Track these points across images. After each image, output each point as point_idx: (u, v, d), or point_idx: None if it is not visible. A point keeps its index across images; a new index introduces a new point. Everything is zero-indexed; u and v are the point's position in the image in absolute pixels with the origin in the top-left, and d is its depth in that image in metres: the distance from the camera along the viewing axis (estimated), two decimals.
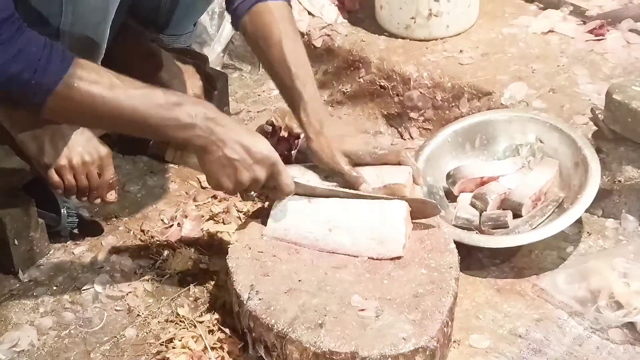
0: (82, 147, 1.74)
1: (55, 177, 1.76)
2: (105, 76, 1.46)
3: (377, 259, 1.62)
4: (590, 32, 2.31)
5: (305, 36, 2.47)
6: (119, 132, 1.68)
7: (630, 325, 1.65)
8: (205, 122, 1.51)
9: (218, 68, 2.48)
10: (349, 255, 1.64)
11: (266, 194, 1.75)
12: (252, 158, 1.55)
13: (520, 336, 1.67)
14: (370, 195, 1.69)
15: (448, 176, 1.96)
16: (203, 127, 1.51)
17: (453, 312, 1.58)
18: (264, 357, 1.54)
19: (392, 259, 1.62)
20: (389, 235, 1.64)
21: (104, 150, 1.77)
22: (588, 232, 1.90)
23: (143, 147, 2.15)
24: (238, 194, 1.67)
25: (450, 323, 1.56)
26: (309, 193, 1.70)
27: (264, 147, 1.57)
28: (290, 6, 1.81)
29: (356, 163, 1.73)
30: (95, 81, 1.44)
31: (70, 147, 1.74)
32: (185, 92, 2.06)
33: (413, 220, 1.69)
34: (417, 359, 1.46)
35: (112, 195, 1.87)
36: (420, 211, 1.69)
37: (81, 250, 1.90)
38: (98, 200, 1.84)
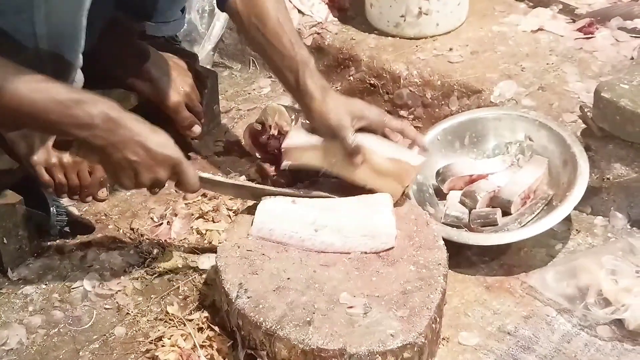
0: (30, 129, 1.73)
1: (46, 176, 1.76)
2: (5, 68, 1.42)
3: (369, 253, 1.63)
4: (580, 30, 2.32)
5: None
6: (22, 128, 1.64)
7: (618, 322, 1.65)
8: (106, 122, 1.47)
9: (208, 66, 2.48)
10: (340, 253, 1.65)
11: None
12: (153, 159, 1.53)
13: (509, 333, 1.67)
14: (291, 193, 1.75)
15: (437, 174, 1.96)
16: (103, 128, 1.47)
17: (441, 309, 1.59)
18: (253, 355, 1.55)
19: (385, 250, 1.64)
20: (379, 229, 1.64)
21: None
22: (577, 230, 1.91)
23: None
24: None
25: (438, 320, 1.57)
26: (216, 189, 1.78)
27: (166, 147, 1.55)
28: None
29: (361, 129, 1.74)
30: None
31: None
32: (175, 90, 2.06)
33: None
34: (405, 355, 1.46)
35: (103, 193, 1.87)
36: None
37: (70, 249, 1.90)
38: (89, 199, 1.85)
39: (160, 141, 1.54)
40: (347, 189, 1.76)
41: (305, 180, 1.85)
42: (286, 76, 1.78)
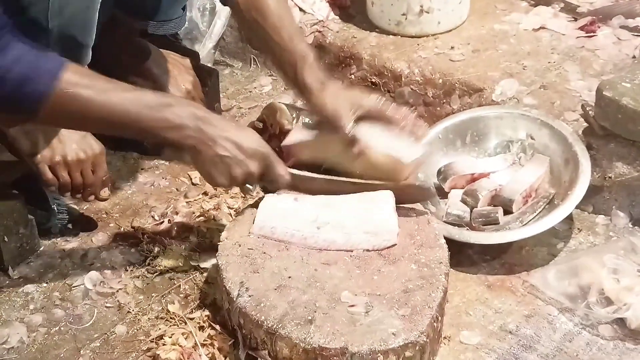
0: (77, 144, 1.74)
1: (49, 174, 1.76)
2: (96, 80, 1.48)
3: (371, 251, 1.62)
4: (581, 28, 2.32)
5: None
6: (113, 134, 1.70)
7: (620, 321, 1.65)
8: (195, 121, 1.53)
9: (209, 65, 2.48)
10: (342, 250, 1.64)
11: (264, 187, 1.75)
12: (244, 153, 1.58)
13: (510, 332, 1.67)
14: (362, 183, 1.71)
15: (439, 172, 1.96)
16: (193, 127, 1.53)
17: (443, 307, 1.58)
18: (254, 354, 1.54)
19: (387, 248, 1.63)
20: (381, 226, 1.64)
21: (97, 147, 1.78)
22: (578, 229, 1.91)
23: (134, 142, 2.15)
24: (238, 189, 1.69)
25: (440, 318, 1.56)
26: (306, 184, 1.72)
27: (255, 142, 1.60)
28: None
29: (363, 118, 1.74)
30: (86, 85, 1.46)
31: (64, 144, 1.74)
32: (176, 87, 2.06)
33: (404, 205, 1.71)
34: (407, 354, 1.46)
35: (105, 192, 1.88)
36: (413, 195, 1.71)
37: (71, 247, 1.90)
38: (91, 197, 1.85)
39: (248, 136, 1.60)
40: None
41: None
42: (285, 70, 1.78)
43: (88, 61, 1.75)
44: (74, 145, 1.73)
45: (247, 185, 1.65)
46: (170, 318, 1.70)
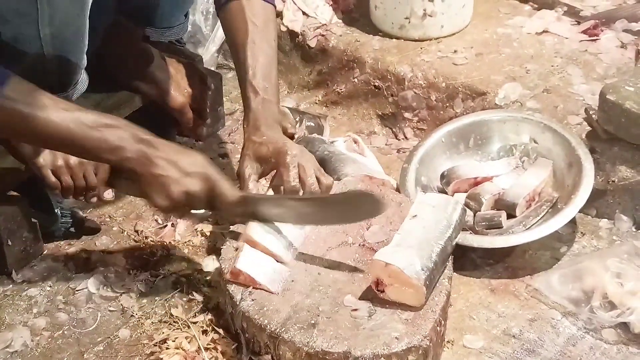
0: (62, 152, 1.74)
1: (52, 178, 1.76)
2: (37, 97, 1.47)
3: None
4: (585, 32, 2.32)
5: (300, 36, 2.47)
6: (56, 150, 1.69)
7: (624, 326, 1.65)
8: (135, 144, 1.52)
9: (212, 68, 2.48)
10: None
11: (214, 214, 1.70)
12: (182, 172, 1.55)
13: (514, 336, 1.67)
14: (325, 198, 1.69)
15: (442, 176, 1.96)
16: (131, 149, 1.52)
17: (446, 311, 1.59)
18: (258, 358, 1.55)
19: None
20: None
21: None
22: (582, 233, 1.91)
23: None
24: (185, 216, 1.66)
25: (443, 322, 1.56)
26: (265, 207, 1.63)
27: (197, 162, 1.57)
28: (273, 5, 1.84)
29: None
30: (26, 102, 1.46)
31: None
32: (179, 91, 2.06)
33: None
34: (410, 358, 1.46)
35: (108, 194, 1.88)
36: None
37: (75, 251, 1.90)
38: (94, 199, 1.85)
39: (190, 156, 1.57)
40: None
41: None
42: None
43: (84, 65, 1.76)
44: None
45: (195, 211, 1.61)
46: (174, 322, 1.70)
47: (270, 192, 1.73)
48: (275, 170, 1.72)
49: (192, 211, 1.63)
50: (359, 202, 1.63)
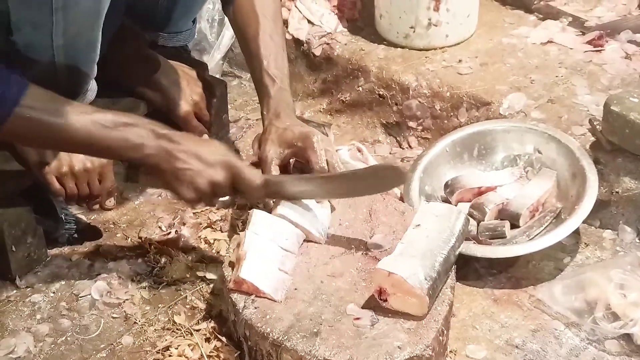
0: (84, 155, 1.75)
1: (56, 184, 1.77)
2: (55, 103, 1.50)
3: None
4: (589, 43, 2.32)
5: (305, 44, 2.47)
6: (80, 154, 1.73)
7: (627, 337, 1.64)
8: (156, 140, 1.55)
9: (217, 76, 2.49)
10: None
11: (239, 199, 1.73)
12: (204, 163, 1.58)
13: (517, 347, 1.67)
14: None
15: (446, 186, 1.96)
16: (153, 146, 1.55)
17: (449, 321, 1.59)
18: None
19: None
20: None
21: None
22: (585, 243, 1.90)
23: None
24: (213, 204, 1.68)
25: (445, 332, 1.56)
26: (286, 188, 1.66)
27: (217, 151, 1.61)
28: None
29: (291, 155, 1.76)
30: (46, 110, 1.49)
31: (71, 155, 1.75)
32: (185, 99, 2.07)
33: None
34: None
35: (110, 202, 1.89)
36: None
37: (78, 257, 1.90)
38: (96, 207, 1.86)
39: (210, 147, 1.61)
40: None
41: None
42: (258, 96, 1.86)
43: (94, 75, 1.77)
44: (81, 155, 1.74)
45: (221, 198, 1.65)
46: (177, 329, 1.70)
47: None
48: (294, 158, 1.78)
49: (219, 199, 1.67)
50: (382, 173, 1.70)
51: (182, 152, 1.57)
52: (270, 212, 1.68)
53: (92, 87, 1.80)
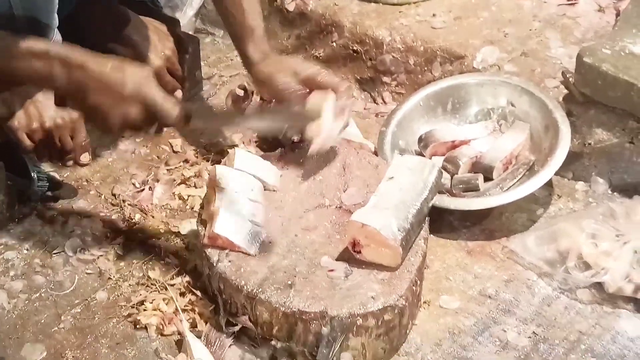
0: (54, 110, 1.73)
1: (27, 141, 1.75)
2: None
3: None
4: None
5: (278, 0, 2.45)
6: None
7: (598, 286, 1.66)
8: (67, 72, 1.45)
9: (190, 32, 2.46)
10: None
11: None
12: (117, 98, 1.47)
13: (489, 297, 1.68)
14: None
15: (420, 140, 1.96)
16: (64, 78, 1.45)
17: (422, 272, 1.60)
18: (235, 319, 1.55)
19: None
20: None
21: (75, 113, 1.76)
22: (558, 195, 1.92)
23: None
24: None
25: (419, 282, 1.57)
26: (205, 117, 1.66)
27: (131, 80, 1.47)
28: None
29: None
30: None
31: (41, 110, 1.73)
32: (156, 54, 2.05)
33: None
34: (386, 317, 1.47)
35: (85, 158, 1.87)
36: None
37: (52, 215, 1.89)
38: (70, 163, 1.84)
39: (126, 79, 1.47)
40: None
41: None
42: (235, 43, 1.85)
43: (56, 25, 1.73)
44: (51, 111, 1.72)
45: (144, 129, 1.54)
46: (151, 284, 1.70)
47: None
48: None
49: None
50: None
51: (94, 86, 1.45)
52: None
53: (57, 38, 1.77)
